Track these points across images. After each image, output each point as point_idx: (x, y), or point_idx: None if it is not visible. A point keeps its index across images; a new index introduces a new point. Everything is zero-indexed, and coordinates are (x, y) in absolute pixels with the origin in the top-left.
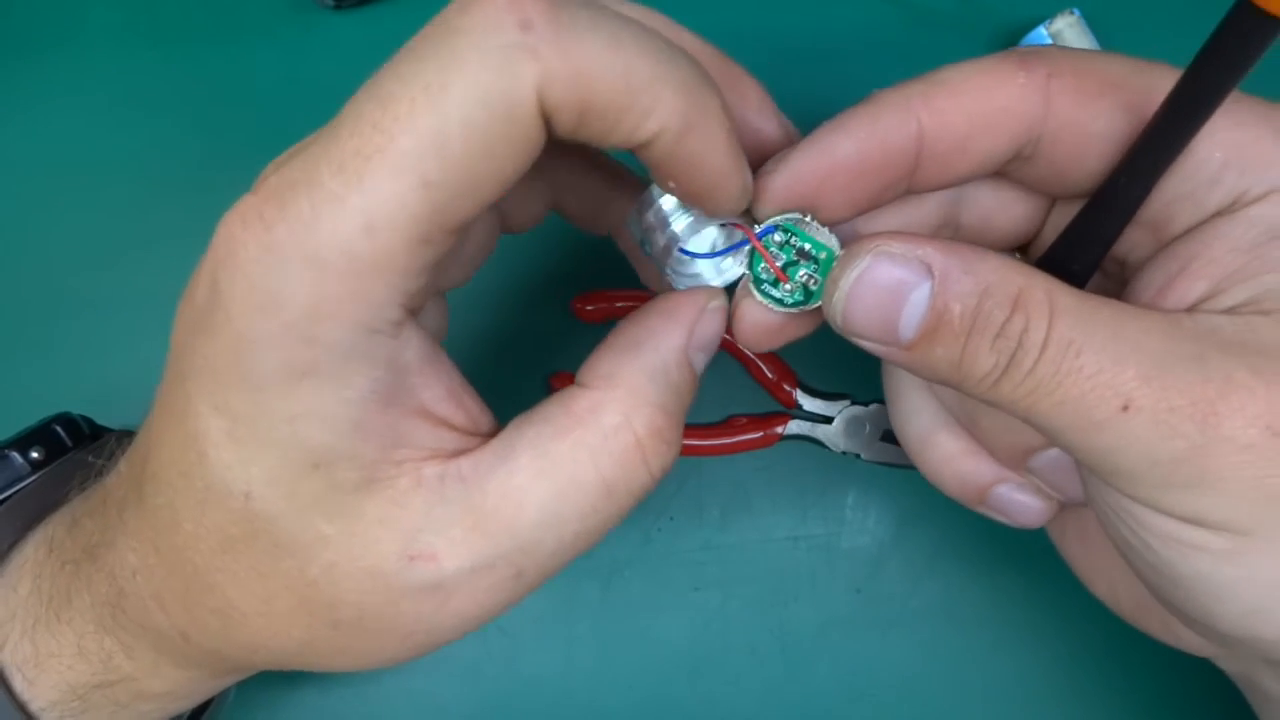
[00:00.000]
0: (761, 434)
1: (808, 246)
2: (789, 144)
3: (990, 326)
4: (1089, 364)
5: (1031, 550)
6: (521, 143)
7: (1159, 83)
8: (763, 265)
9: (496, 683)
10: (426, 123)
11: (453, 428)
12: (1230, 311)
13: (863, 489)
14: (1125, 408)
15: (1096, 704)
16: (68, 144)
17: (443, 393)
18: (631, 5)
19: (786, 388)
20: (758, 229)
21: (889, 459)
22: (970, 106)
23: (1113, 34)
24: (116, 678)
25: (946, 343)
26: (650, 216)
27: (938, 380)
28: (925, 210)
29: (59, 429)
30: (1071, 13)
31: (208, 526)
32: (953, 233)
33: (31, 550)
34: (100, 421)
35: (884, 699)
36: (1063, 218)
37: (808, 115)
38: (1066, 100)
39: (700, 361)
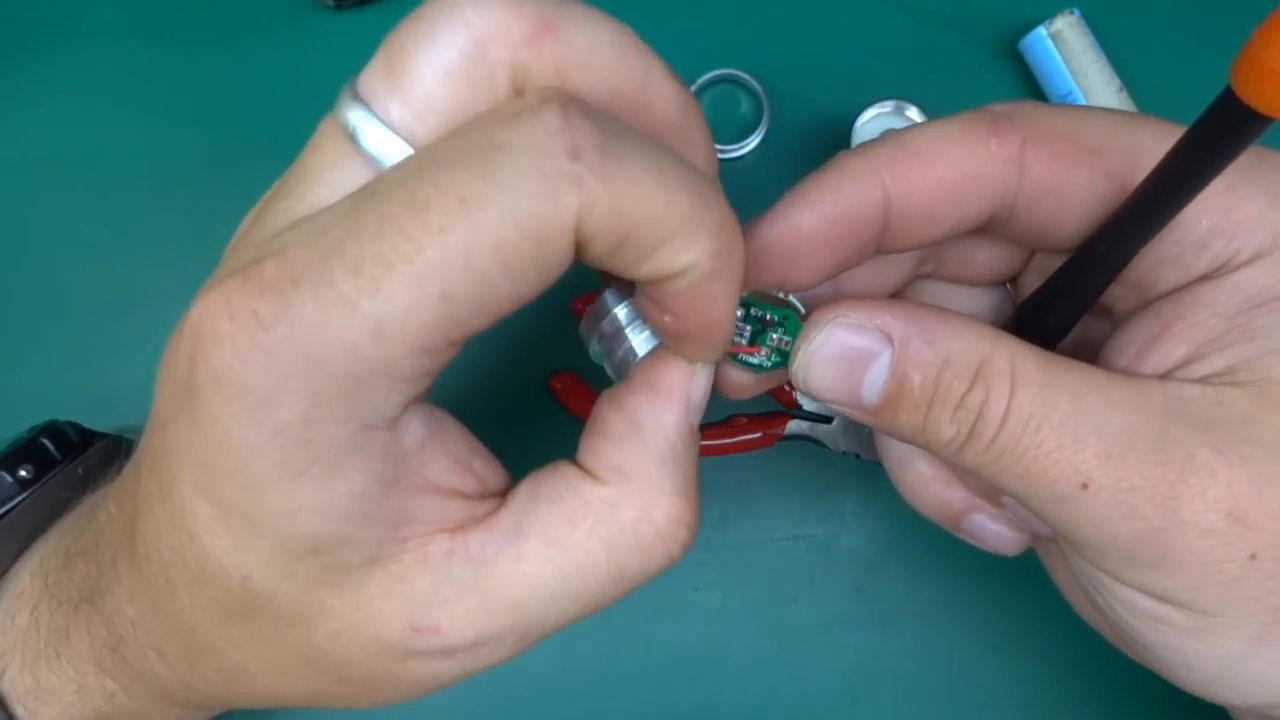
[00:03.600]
0: (761, 434)
1: (768, 315)
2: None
3: (950, 398)
4: (1048, 440)
5: (1031, 551)
6: (549, 266)
7: (1141, 141)
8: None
9: (496, 683)
10: (459, 237)
11: (461, 495)
12: (1204, 380)
13: (863, 489)
14: (1085, 486)
15: (1096, 704)
16: (68, 144)
17: (448, 464)
18: (606, 18)
19: (786, 388)
20: None
21: None
22: (939, 174)
23: (1113, 34)
24: (119, 714)
25: (909, 411)
26: (605, 325)
27: (906, 441)
28: (904, 255)
29: (47, 442)
30: (1071, 13)
31: (205, 601)
32: (935, 267)
33: (27, 579)
34: (100, 421)
35: (884, 699)
36: (1048, 257)
37: (808, 116)
38: (1042, 168)
39: (698, 419)
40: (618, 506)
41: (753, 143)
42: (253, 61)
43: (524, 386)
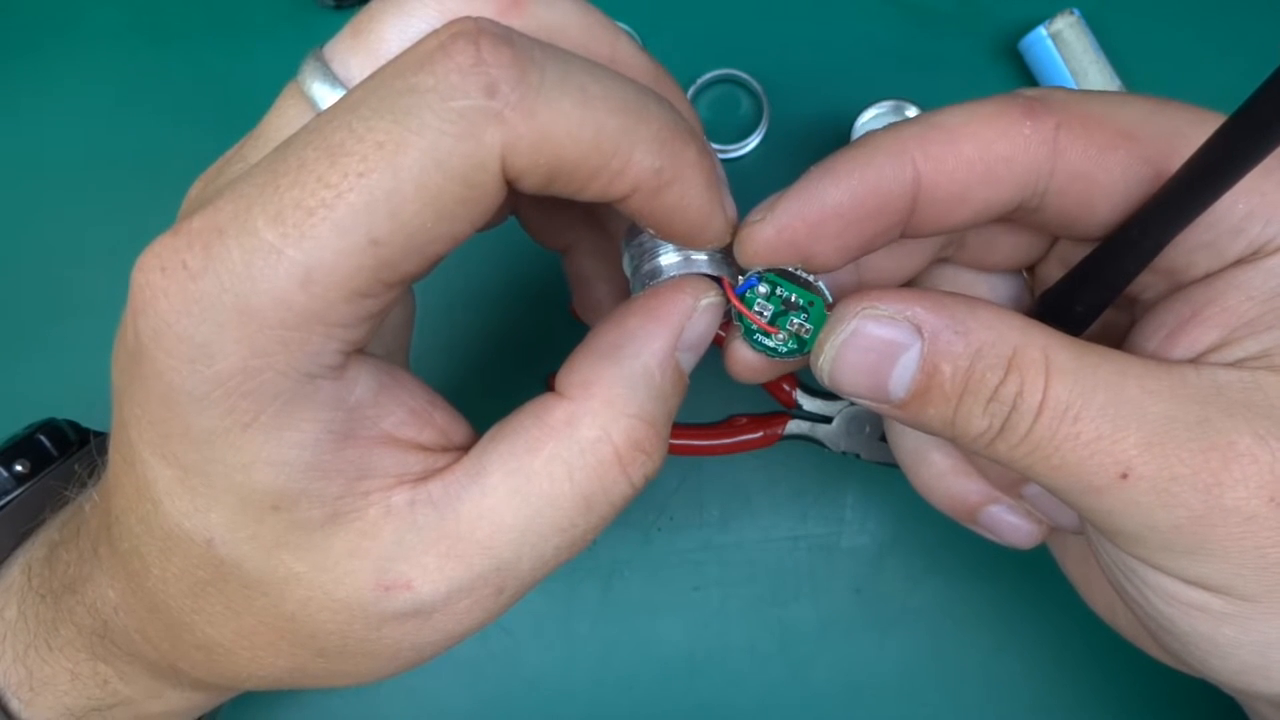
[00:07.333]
0: (761, 434)
1: (794, 297)
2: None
3: (983, 389)
4: (1087, 430)
5: (1032, 550)
6: (480, 205)
7: (1178, 127)
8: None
9: (496, 683)
10: (379, 181)
11: (420, 448)
12: (1239, 365)
13: (863, 489)
14: (1125, 475)
15: (1097, 704)
16: (68, 143)
17: (405, 416)
18: (590, 9)
19: (786, 387)
20: (741, 279)
21: (889, 459)
22: (970, 155)
23: (1113, 34)
24: (115, 701)
25: (938, 404)
26: (643, 238)
27: (933, 434)
28: (925, 240)
29: (44, 439)
30: (1071, 13)
31: (174, 572)
32: (954, 252)
33: (17, 573)
34: (100, 422)
35: (884, 699)
36: (1072, 245)
37: (808, 116)
38: (1076, 152)
39: (689, 361)
40: (578, 425)
41: (753, 143)
42: (253, 61)
43: (524, 386)
